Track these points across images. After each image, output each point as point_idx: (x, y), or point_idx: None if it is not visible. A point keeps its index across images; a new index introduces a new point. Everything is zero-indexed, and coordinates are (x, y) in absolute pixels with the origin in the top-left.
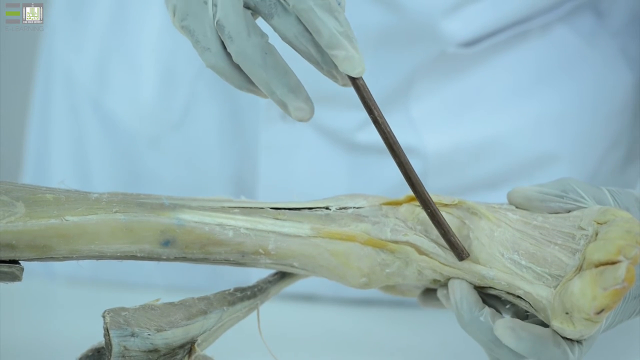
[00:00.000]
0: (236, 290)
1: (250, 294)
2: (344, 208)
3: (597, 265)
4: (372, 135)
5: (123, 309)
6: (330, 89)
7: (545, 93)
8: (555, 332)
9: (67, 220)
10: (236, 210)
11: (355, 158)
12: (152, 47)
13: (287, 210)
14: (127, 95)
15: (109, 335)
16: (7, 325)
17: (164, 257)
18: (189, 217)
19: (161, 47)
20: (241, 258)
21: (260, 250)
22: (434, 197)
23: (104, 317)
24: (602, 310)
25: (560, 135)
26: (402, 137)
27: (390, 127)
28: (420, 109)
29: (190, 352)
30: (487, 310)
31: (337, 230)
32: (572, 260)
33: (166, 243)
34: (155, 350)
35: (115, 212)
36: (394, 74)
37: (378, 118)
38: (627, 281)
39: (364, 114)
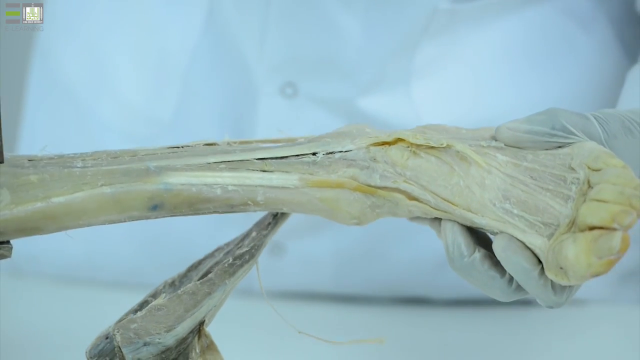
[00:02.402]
0: (235, 259)
1: (249, 257)
2: (331, 153)
3: (591, 228)
4: (373, 102)
5: (131, 320)
6: (327, 57)
7: (543, 73)
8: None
9: (53, 201)
10: (222, 165)
11: None
12: (141, 45)
13: (273, 160)
14: (119, 96)
15: (122, 352)
16: (5, 324)
17: (153, 218)
18: (176, 180)
19: (149, 45)
20: (230, 209)
21: (249, 202)
22: (423, 138)
23: (114, 335)
24: (597, 275)
25: None
26: (403, 118)
27: None
28: (421, 85)
29: (199, 333)
30: (478, 254)
31: (325, 179)
32: (565, 209)
33: (154, 207)
34: (168, 349)
35: (101, 185)
36: (389, 35)
37: None
38: (622, 251)
39: (362, 81)
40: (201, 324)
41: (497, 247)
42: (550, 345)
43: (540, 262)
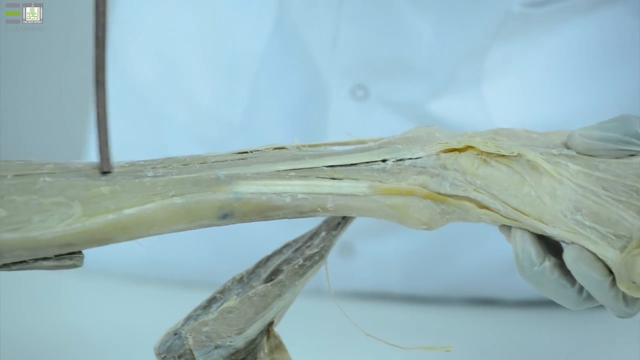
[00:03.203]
0: (305, 260)
1: (319, 258)
2: (401, 160)
3: None
4: (443, 105)
5: (203, 323)
6: (398, 59)
7: (614, 75)
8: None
9: (124, 213)
10: (292, 173)
11: None
12: (211, 48)
13: (342, 168)
14: (190, 99)
15: (193, 355)
16: (75, 323)
17: (222, 226)
18: (245, 189)
19: (220, 47)
20: (299, 215)
21: (319, 209)
22: (493, 146)
23: (186, 337)
24: None
25: None
26: (473, 120)
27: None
28: (492, 87)
29: (268, 333)
30: (548, 263)
31: (395, 187)
32: (638, 222)
33: (224, 216)
34: (238, 351)
35: (172, 196)
36: (461, 38)
37: None
38: None
39: (434, 83)
40: (270, 324)
41: (567, 257)
42: (622, 348)
43: (611, 273)
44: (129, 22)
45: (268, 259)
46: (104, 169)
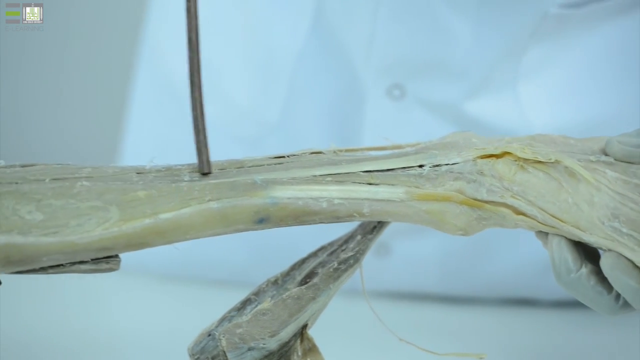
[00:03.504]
0: (340, 263)
1: (354, 261)
2: (438, 165)
3: None
4: (479, 105)
5: (237, 325)
6: (435, 59)
7: None
8: None
9: (160, 218)
10: (328, 178)
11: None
12: (248, 47)
13: (379, 173)
14: (227, 98)
15: (226, 357)
16: (111, 321)
17: (259, 230)
18: (282, 193)
19: (256, 46)
20: (336, 220)
21: (355, 214)
22: (531, 152)
23: (219, 339)
24: None
25: None
26: (509, 121)
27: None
28: (528, 88)
29: (301, 336)
30: (584, 270)
31: (432, 193)
32: None
33: (260, 221)
34: (271, 354)
35: (209, 200)
36: (498, 38)
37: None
38: None
39: (470, 83)
40: (304, 327)
41: (605, 265)
42: None
43: None
44: (166, 20)
45: (303, 261)
46: (205, 170)
